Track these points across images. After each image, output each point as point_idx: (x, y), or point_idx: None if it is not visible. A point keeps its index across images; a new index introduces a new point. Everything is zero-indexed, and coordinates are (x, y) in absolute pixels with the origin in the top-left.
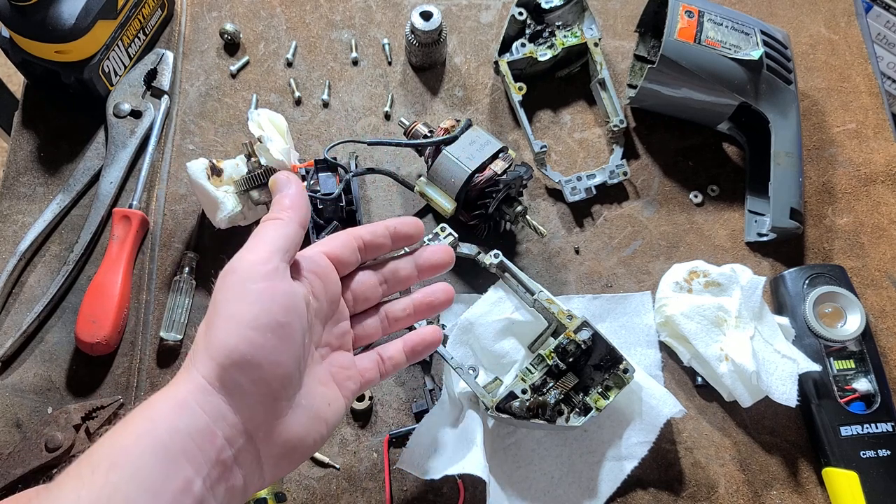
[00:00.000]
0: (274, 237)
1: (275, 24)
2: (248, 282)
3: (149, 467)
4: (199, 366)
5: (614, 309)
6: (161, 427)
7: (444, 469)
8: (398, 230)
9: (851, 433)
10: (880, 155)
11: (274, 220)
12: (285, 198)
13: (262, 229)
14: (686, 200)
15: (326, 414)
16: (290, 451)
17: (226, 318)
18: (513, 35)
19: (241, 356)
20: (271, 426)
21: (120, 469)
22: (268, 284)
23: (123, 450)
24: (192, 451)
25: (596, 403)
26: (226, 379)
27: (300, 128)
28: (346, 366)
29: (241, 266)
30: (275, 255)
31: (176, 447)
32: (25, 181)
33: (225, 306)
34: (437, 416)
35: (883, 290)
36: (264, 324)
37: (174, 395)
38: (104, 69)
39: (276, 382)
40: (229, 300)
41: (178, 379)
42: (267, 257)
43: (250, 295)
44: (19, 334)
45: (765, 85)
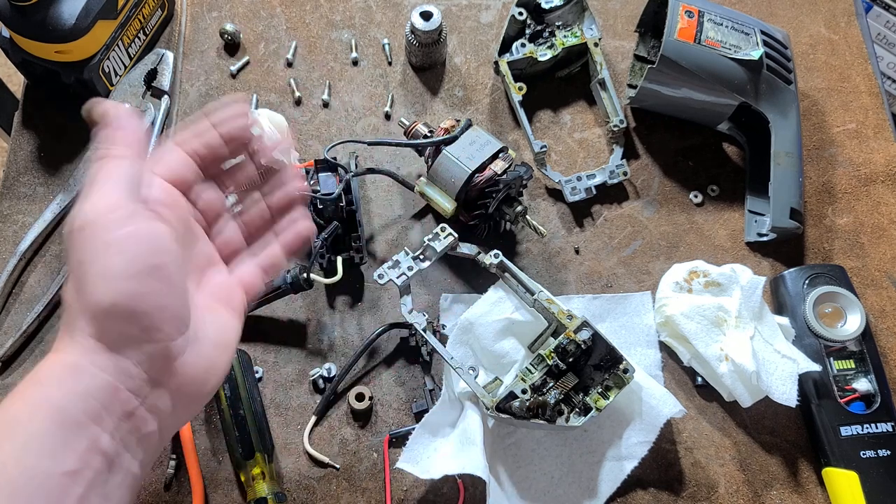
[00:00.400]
0: (118, 178)
1: (275, 24)
2: (107, 231)
3: (47, 433)
4: (82, 327)
5: (614, 309)
6: (56, 393)
7: (444, 469)
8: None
9: (851, 433)
10: (880, 155)
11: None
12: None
13: (101, 171)
14: (686, 200)
15: (224, 338)
16: (200, 385)
17: (96, 275)
18: (513, 35)
19: (123, 309)
20: (174, 368)
21: (12, 438)
22: (129, 229)
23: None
24: (95, 409)
25: (596, 403)
26: (114, 335)
27: (300, 128)
28: (223, 283)
29: (94, 217)
30: (125, 197)
31: (76, 409)
32: (25, 181)
33: (92, 263)
34: (437, 416)
35: (883, 290)
36: (138, 271)
37: (60, 360)
38: (104, 69)
39: (168, 325)
40: (94, 255)
41: (60, 346)
42: (117, 202)
43: (114, 245)
44: (19, 334)
45: (765, 85)
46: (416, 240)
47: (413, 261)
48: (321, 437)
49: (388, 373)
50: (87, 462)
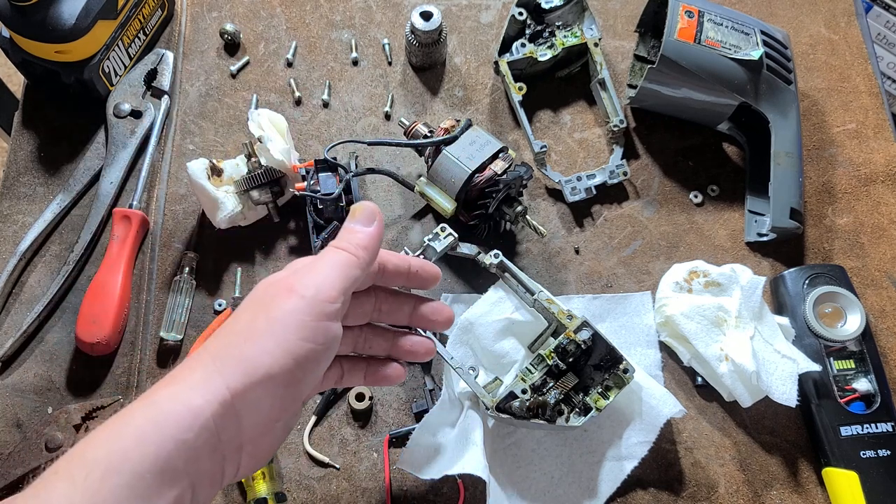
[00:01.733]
0: (346, 275)
1: (275, 24)
2: (313, 316)
3: (147, 477)
4: (228, 374)
5: (614, 309)
6: (167, 435)
7: (444, 469)
8: (418, 273)
9: (851, 433)
10: (880, 155)
11: (350, 255)
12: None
13: (337, 260)
14: (686, 200)
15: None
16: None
17: (277, 341)
18: (513, 35)
19: (274, 381)
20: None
21: (116, 476)
22: (327, 325)
23: (122, 455)
24: (194, 464)
25: (596, 403)
26: (251, 398)
27: (300, 128)
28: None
29: (311, 294)
30: (342, 294)
31: (179, 459)
32: (25, 181)
33: (281, 328)
34: (437, 416)
35: (883, 290)
36: (308, 360)
37: (188, 400)
38: (104, 69)
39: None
40: (287, 324)
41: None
42: (337, 295)
43: (309, 330)
44: (19, 334)
45: (765, 85)
46: (416, 240)
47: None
48: (321, 437)
49: None
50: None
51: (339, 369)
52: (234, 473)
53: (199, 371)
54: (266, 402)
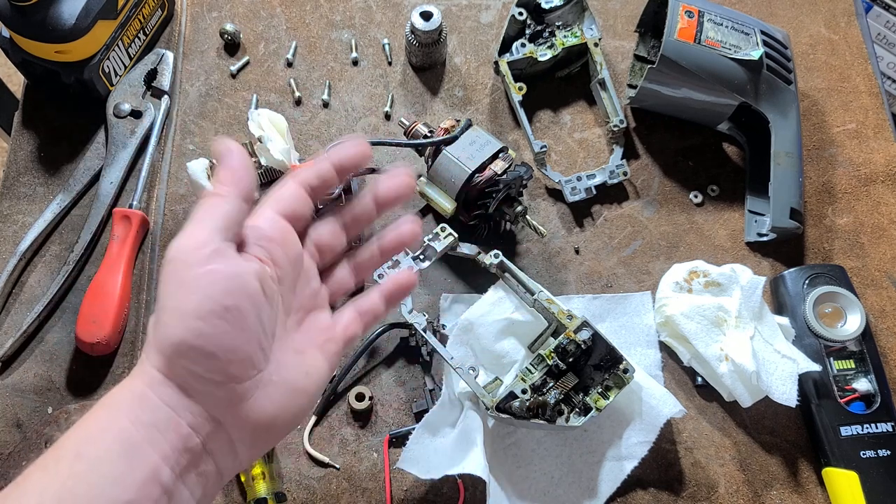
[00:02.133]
0: (212, 216)
1: (275, 24)
2: (187, 268)
3: (113, 457)
4: (151, 358)
5: (614, 309)
6: (122, 417)
7: (444, 469)
8: (341, 161)
9: (851, 433)
10: (880, 155)
11: (212, 197)
12: (225, 170)
13: (200, 209)
14: (686, 200)
15: (305, 384)
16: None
17: (169, 310)
18: (513, 35)
19: (189, 347)
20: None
21: (84, 459)
22: (207, 269)
23: (87, 440)
24: (157, 439)
25: (596, 403)
26: (178, 370)
27: (300, 128)
28: (324, 327)
29: (176, 253)
30: (214, 235)
31: (139, 436)
32: (25, 181)
33: (167, 297)
34: (437, 416)
35: (883, 290)
36: (209, 311)
37: (131, 387)
38: (104, 69)
39: (234, 367)
40: (170, 290)
41: (134, 372)
42: (204, 240)
43: (190, 283)
44: (19, 334)
45: (765, 85)
46: None
47: (413, 261)
48: (321, 437)
49: (388, 373)
50: (147, 493)
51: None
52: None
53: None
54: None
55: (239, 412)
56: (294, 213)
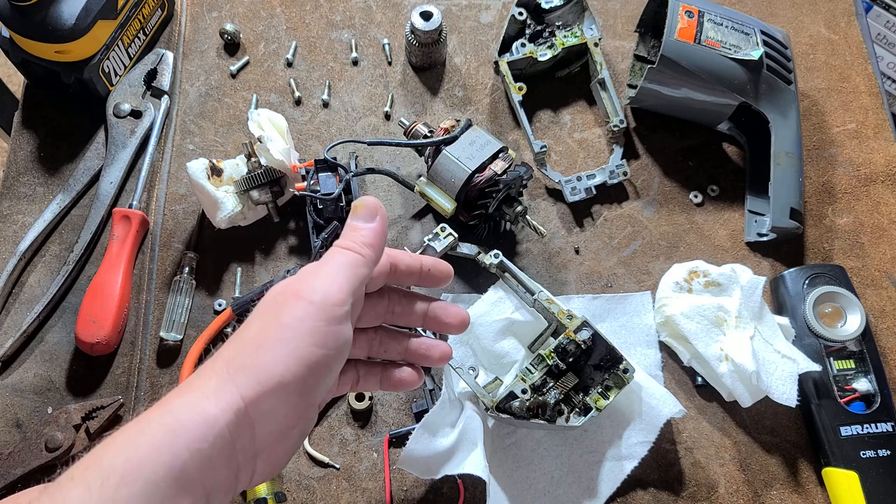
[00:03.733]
0: (353, 275)
1: (275, 24)
2: (322, 321)
3: (163, 486)
4: (241, 383)
5: (614, 309)
6: (182, 444)
7: (444, 469)
8: (431, 273)
9: (851, 433)
10: (880, 155)
11: (355, 255)
12: (370, 232)
13: (343, 261)
14: (686, 200)
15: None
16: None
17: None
18: (513, 35)
19: (287, 389)
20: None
21: (132, 485)
22: (338, 328)
23: (138, 462)
24: (209, 471)
25: (596, 403)
26: (265, 406)
27: (300, 128)
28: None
29: (319, 299)
30: (349, 297)
31: (194, 468)
32: (25, 181)
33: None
34: (437, 416)
35: (883, 290)
36: (320, 365)
37: (203, 409)
38: (104, 69)
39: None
40: (298, 330)
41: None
42: (345, 298)
43: (319, 335)
44: (19, 334)
45: (765, 85)
46: (416, 240)
47: None
48: (321, 437)
49: None
50: None
51: (354, 374)
52: (248, 481)
53: (213, 380)
54: (280, 410)
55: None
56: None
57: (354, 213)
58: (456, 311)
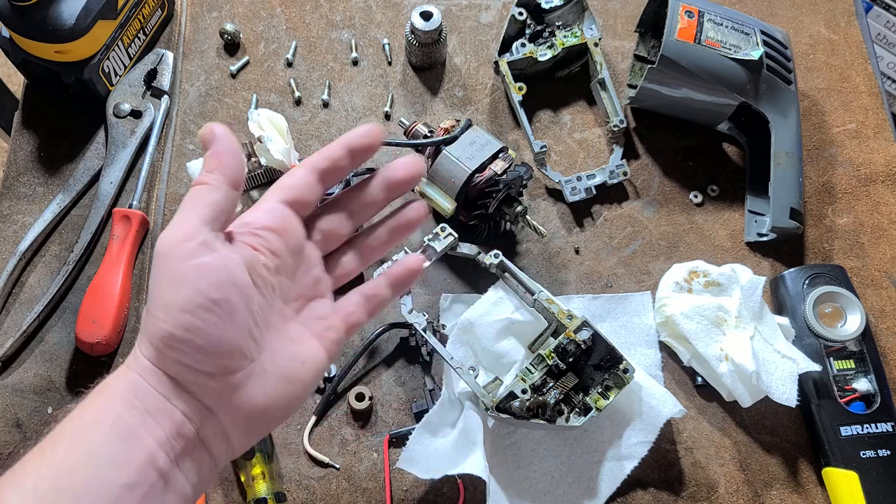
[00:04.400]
0: (199, 207)
1: (275, 24)
2: (174, 262)
3: (110, 441)
4: (143, 349)
5: (614, 309)
6: (118, 404)
7: (444, 469)
8: (353, 145)
9: (851, 433)
10: (880, 155)
11: (199, 186)
12: (212, 157)
13: (187, 199)
14: (686, 200)
15: (300, 373)
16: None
17: (158, 304)
18: (513, 35)
19: (178, 341)
20: (230, 400)
21: (81, 443)
22: (194, 263)
23: (83, 425)
24: (151, 425)
25: (596, 403)
26: (167, 362)
27: (300, 128)
28: (323, 315)
29: (164, 246)
30: (200, 227)
31: (134, 421)
32: (25, 181)
33: (156, 291)
34: (437, 416)
35: (883, 290)
36: (197, 305)
37: (125, 374)
38: (104, 69)
39: (225, 359)
40: (159, 284)
41: (127, 361)
42: (191, 232)
43: (177, 277)
44: (19, 334)
45: (765, 85)
46: (416, 240)
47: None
48: (321, 437)
49: (388, 373)
50: (144, 476)
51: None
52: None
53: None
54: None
55: (231, 402)
56: (300, 199)
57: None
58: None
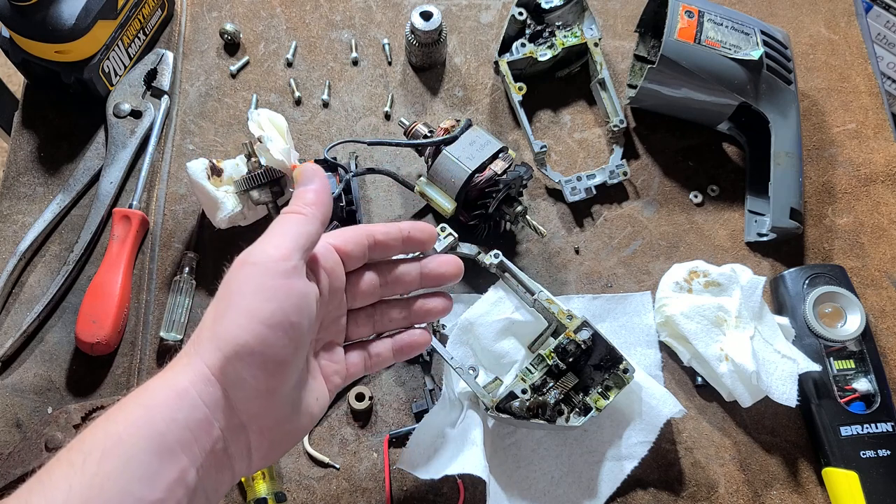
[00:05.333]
0: (296, 233)
1: (275, 24)
2: (267, 277)
3: (143, 457)
4: (205, 354)
5: (614, 309)
6: (158, 416)
7: (444, 469)
8: (411, 235)
9: (851, 433)
10: (880, 155)
11: (297, 215)
12: (309, 192)
13: (285, 222)
14: (686, 200)
15: (313, 408)
16: (279, 442)
17: (239, 311)
18: (513, 35)
19: (249, 351)
20: (265, 419)
21: (113, 458)
22: (286, 282)
23: (117, 438)
24: (189, 441)
25: (596, 403)
26: (230, 371)
27: (300, 128)
28: (335, 360)
29: (261, 259)
30: (295, 252)
31: (172, 437)
32: (25, 181)
33: (240, 298)
34: (437, 416)
35: (883, 290)
36: (277, 322)
37: (173, 383)
38: (104, 69)
39: (278, 379)
40: (245, 292)
41: (177, 365)
42: (288, 254)
43: (267, 291)
44: (19, 334)
45: (765, 85)
46: None
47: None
48: (321, 437)
49: (388, 373)
50: (173, 493)
51: (363, 352)
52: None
53: (183, 358)
54: (248, 373)
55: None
56: (349, 253)
57: (296, 181)
58: (447, 258)
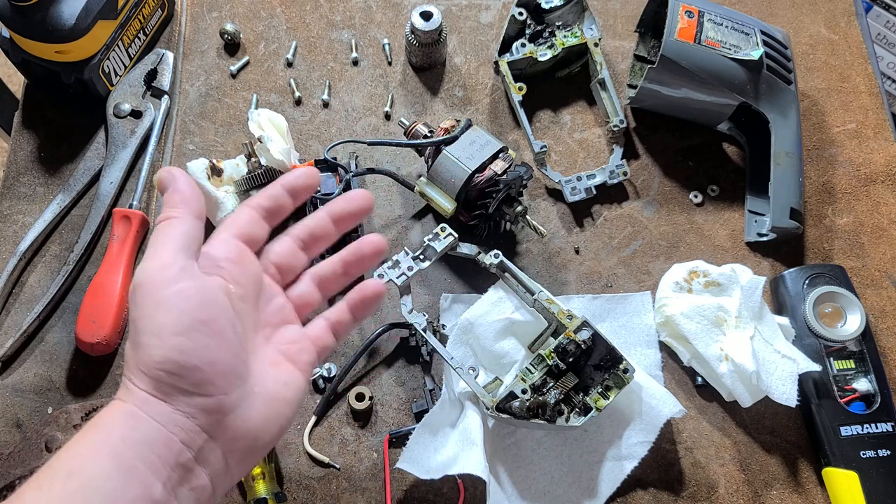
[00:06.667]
0: (171, 238)
1: (275, 24)
2: (158, 290)
3: (105, 475)
4: (136, 381)
5: (614, 309)
6: (114, 436)
7: (444, 469)
8: (293, 185)
9: (851, 433)
10: (880, 155)
11: (167, 220)
12: (173, 195)
13: (158, 233)
14: (686, 200)
15: (285, 394)
16: (254, 440)
17: (148, 332)
18: (513, 35)
19: (173, 365)
20: (227, 422)
21: (76, 477)
22: (178, 287)
23: (79, 458)
24: (149, 456)
25: (596, 403)
26: (165, 389)
27: (300, 128)
28: (294, 339)
29: (146, 277)
30: (177, 255)
31: (131, 454)
32: (25, 181)
33: (143, 320)
34: (437, 416)
35: (883, 290)
36: (187, 326)
37: (121, 407)
38: (104, 69)
39: (219, 379)
40: (146, 313)
41: (120, 394)
42: (169, 261)
43: (164, 303)
44: (19, 334)
45: (765, 85)
46: (416, 240)
47: (413, 261)
48: (321, 437)
49: (388, 373)
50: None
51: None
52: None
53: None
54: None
55: (228, 424)
56: (249, 235)
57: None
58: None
